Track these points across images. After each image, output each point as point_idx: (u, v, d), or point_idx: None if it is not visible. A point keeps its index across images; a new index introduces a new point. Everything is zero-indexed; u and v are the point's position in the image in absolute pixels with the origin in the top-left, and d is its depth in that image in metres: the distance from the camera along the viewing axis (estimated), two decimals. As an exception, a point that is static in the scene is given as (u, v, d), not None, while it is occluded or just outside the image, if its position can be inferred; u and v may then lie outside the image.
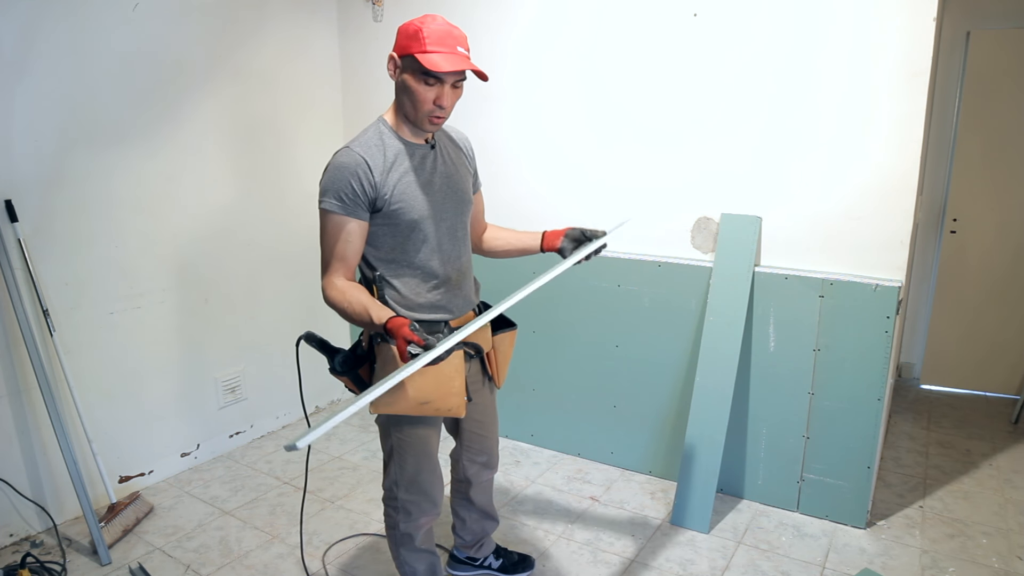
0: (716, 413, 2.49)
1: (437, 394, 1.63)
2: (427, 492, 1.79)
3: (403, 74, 1.55)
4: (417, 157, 1.64)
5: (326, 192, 1.57)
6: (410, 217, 1.61)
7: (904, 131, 2.21)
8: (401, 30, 1.54)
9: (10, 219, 2.29)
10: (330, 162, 1.58)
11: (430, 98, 1.54)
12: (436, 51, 1.48)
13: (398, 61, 1.54)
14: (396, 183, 1.59)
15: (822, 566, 2.27)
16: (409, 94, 1.55)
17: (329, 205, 1.56)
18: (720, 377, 2.49)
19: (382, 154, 1.58)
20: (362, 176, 1.55)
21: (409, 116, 1.60)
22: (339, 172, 1.55)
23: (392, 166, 1.59)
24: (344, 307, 1.55)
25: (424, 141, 1.67)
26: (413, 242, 1.64)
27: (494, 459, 2.06)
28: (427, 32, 1.49)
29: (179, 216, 2.83)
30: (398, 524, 1.81)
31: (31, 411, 2.43)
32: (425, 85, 1.52)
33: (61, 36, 2.37)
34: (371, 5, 3.26)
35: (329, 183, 1.56)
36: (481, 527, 2.18)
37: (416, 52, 1.49)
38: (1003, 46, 3.43)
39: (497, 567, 2.24)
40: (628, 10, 2.60)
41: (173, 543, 2.43)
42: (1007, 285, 3.64)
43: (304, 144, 3.34)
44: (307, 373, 3.57)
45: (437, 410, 1.66)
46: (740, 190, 2.51)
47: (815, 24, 2.28)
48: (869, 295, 2.30)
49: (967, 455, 3.07)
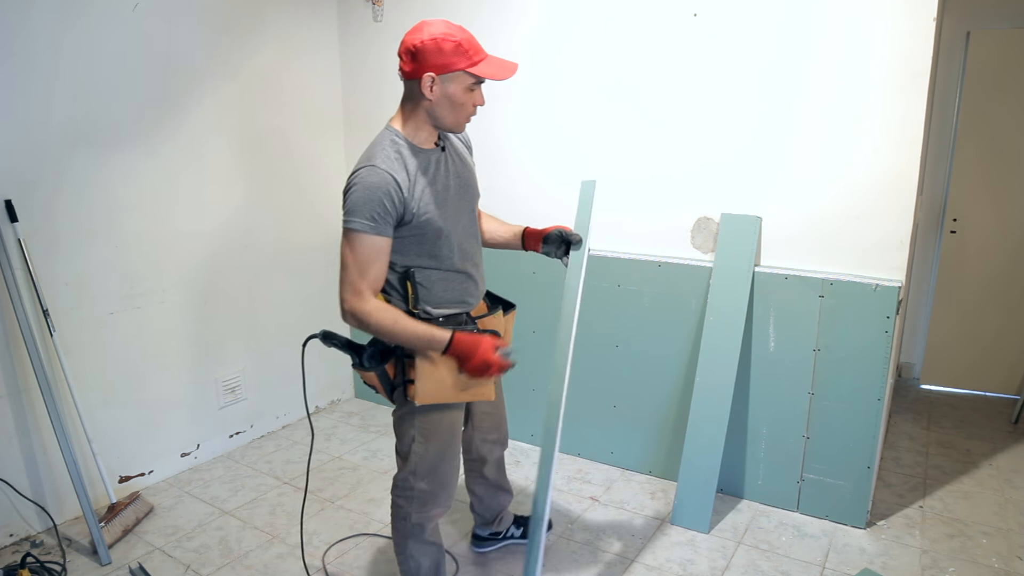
0: (716, 413, 2.49)
1: (473, 380, 1.70)
2: (444, 483, 1.83)
3: (447, 87, 1.58)
4: (432, 164, 1.67)
5: (357, 212, 1.55)
6: (436, 226, 1.65)
7: (904, 131, 2.21)
8: (431, 50, 1.55)
9: (10, 219, 2.29)
10: (357, 181, 1.56)
11: (472, 103, 1.63)
12: (481, 59, 1.59)
13: (436, 78, 1.56)
14: (421, 196, 1.61)
15: (822, 566, 2.27)
16: (452, 105, 1.61)
17: (361, 225, 1.55)
18: (720, 377, 2.49)
19: (404, 169, 1.60)
20: (393, 194, 1.56)
21: (444, 124, 1.64)
22: (371, 192, 1.54)
23: (415, 180, 1.61)
24: (387, 327, 1.58)
25: (434, 144, 1.70)
26: (438, 247, 1.68)
27: (504, 435, 2.16)
28: (466, 45, 1.56)
29: (179, 216, 2.83)
30: (410, 515, 1.82)
31: (31, 411, 2.43)
32: (470, 93, 1.61)
33: (61, 36, 2.37)
34: (371, 5, 3.26)
35: (360, 203, 1.54)
36: (497, 501, 2.27)
37: (466, 67, 1.56)
38: (1003, 46, 3.43)
39: (520, 535, 2.35)
40: (629, 11, 2.60)
41: (173, 543, 2.43)
42: (1007, 285, 3.64)
43: (304, 144, 3.34)
44: (308, 373, 3.57)
45: (474, 395, 1.76)
46: (740, 190, 2.51)
47: (815, 24, 2.28)
48: (869, 295, 2.30)
49: (967, 455, 3.07)
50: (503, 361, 1.64)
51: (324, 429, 3.39)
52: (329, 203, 3.52)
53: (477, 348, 1.60)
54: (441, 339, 1.59)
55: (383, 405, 3.68)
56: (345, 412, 3.61)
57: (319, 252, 3.50)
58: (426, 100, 1.59)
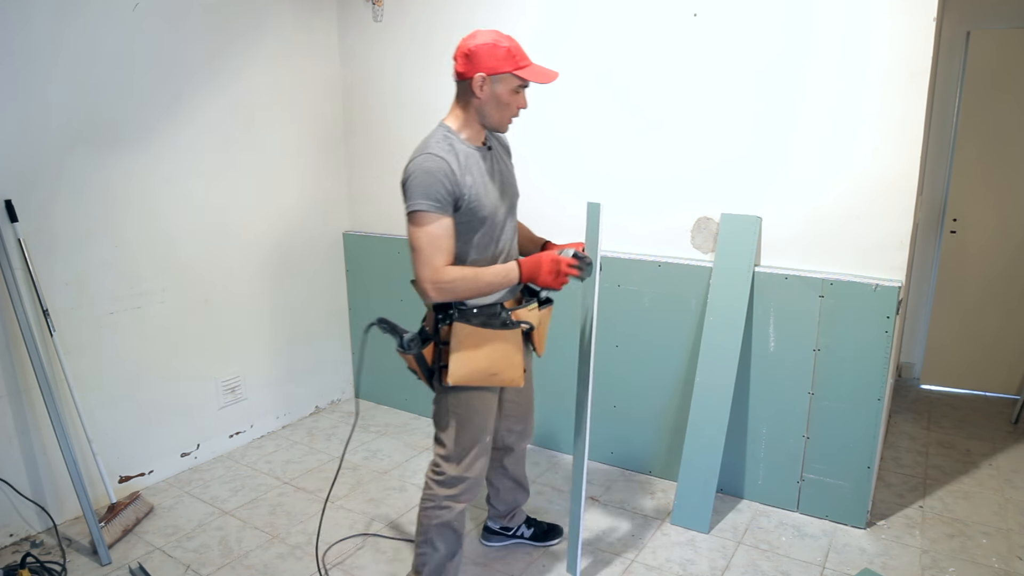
0: (716, 413, 2.49)
1: (503, 365, 1.83)
2: (472, 468, 1.91)
3: (496, 88, 1.74)
4: (480, 159, 1.81)
5: (420, 195, 1.67)
6: (482, 214, 1.77)
7: (904, 131, 2.21)
8: (483, 53, 1.70)
9: (10, 219, 2.29)
10: (415, 168, 1.69)
11: (516, 104, 1.79)
12: (528, 64, 1.75)
13: (486, 78, 1.72)
14: (471, 184, 1.74)
15: (822, 566, 2.27)
16: (498, 104, 1.76)
17: (427, 206, 1.67)
18: (720, 377, 2.49)
19: (456, 158, 1.73)
20: (449, 177, 1.69)
21: (491, 122, 1.80)
22: (430, 176, 1.67)
23: (464, 168, 1.74)
24: (470, 279, 1.72)
25: (482, 143, 1.84)
26: (482, 235, 1.80)
27: (530, 428, 2.23)
28: (515, 51, 1.73)
29: (179, 216, 2.83)
30: (437, 497, 1.92)
31: (31, 411, 2.43)
32: (516, 94, 1.77)
33: (61, 36, 2.37)
34: (371, 5, 3.26)
35: (422, 187, 1.67)
36: (514, 497, 2.32)
37: (513, 70, 1.72)
38: (1003, 46, 3.43)
39: (529, 536, 2.39)
40: (628, 11, 2.60)
41: (173, 543, 2.43)
42: (1007, 285, 3.64)
43: (305, 144, 3.34)
44: (307, 373, 3.58)
45: (502, 381, 1.85)
46: (740, 190, 2.51)
47: (815, 24, 2.28)
48: (869, 295, 2.30)
49: (967, 455, 3.07)
50: (569, 262, 1.78)
51: (324, 429, 3.39)
52: (330, 202, 3.52)
53: (540, 263, 1.76)
54: (514, 270, 1.76)
55: (383, 405, 3.68)
56: (345, 412, 3.61)
57: (320, 252, 3.50)
58: (476, 99, 1.75)
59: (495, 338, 1.81)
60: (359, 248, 3.58)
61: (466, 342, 1.78)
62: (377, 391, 3.71)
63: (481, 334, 1.79)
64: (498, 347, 1.81)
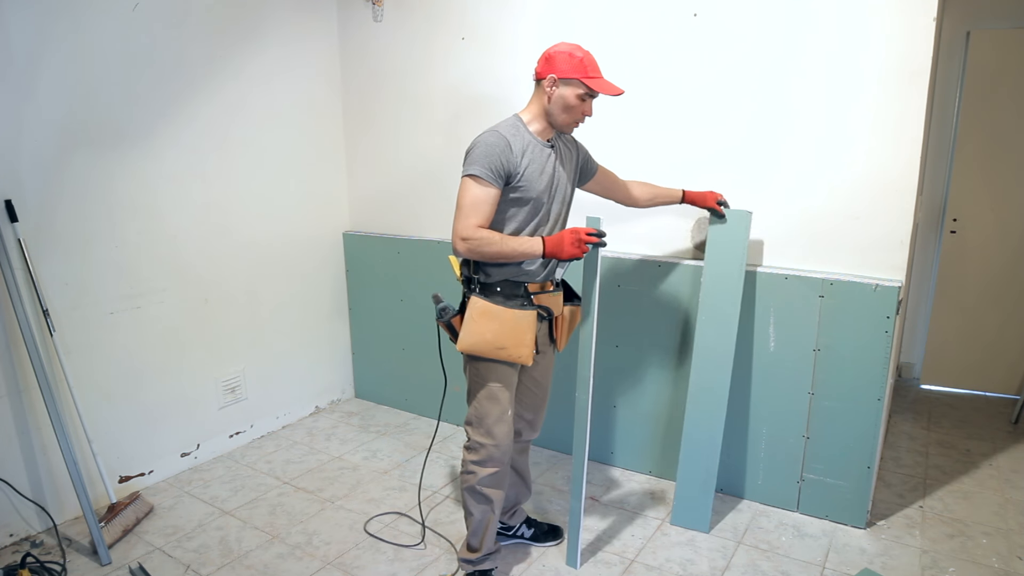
0: (712, 414, 2.47)
1: (511, 342, 1.94)
2: (492, 432, 2.03)
3: (562, 89, 1.90)
4: (541, 150, 1.97)
5: (477, 162, 1.85)
6: (530, 196, 1.93)
7: (904, 131, 2.21)
8: (559, 58, 1.89)
9: (10, 219, 2.29)
10: (480, 140, 1.88)
11: (581, 110, 1.94)
12: (597, 77, 1.91)
13: (558, 80, 1.89)
14: (526, 167, 1.91)
15: (822, 566, 2.27)
16: (564, 106, 1.92)
17: (481, 172, 1.84)
18: (715, 378, 2.45)
19: (519, 140, 1.91)
20: (506, 154, 1.87)
21: (557, 121, 1.96)
22: (491, 148, 1.86)
23: (524, 152, 1.91)
24: (495, 242, 1.86)
25: (547, 140, 1.99)
26: (527, 216, 1.95)
27: (539, 420, 2.29)
28: (587, 62, 1.90)
29: (179, 216, 2.83)
30: (467, 462, 2.09)
31: (31, 411, 2.43)
32: (581, 101, 1.92)
33: (61, 36, 2.37)
34: (371, 5, 3.26)
35: (481, 155, 1.86)
36: (515, 493, 2.36)
37: (583, 78, 1.88)
38: (1003, 46, 3.43)
39: (529, 536, 2.42)
40: (628, 11, 2.60)
41: (173, 543, 2.43)
42: (1007, 285, 3.64)
43: (305, 144, 3.34)
44: (307, 373, 3.58)
45: (509, 356, 1.96)
46: (741, 190, 2.51)
47: (816, 24, 2.28)
48: (869, 295, 2.30)
49: (967, 455, 3.07)
50: (588, 231, 1.86)
51: (324, 429, 3.39)
52: (330, 202, 3.52)
53: (562, 238, 1.86)
54: (537, 243, 1.88)
55: (383, 405, 3.68)
56: (345, 412, 3.61)
57: (320, 252, 3.50)
58: (545, 97, 1.92)
59: (506, 314, 1.94)
60: (359, 248, 3.58)
61: (478, 314, 1.94)
62: (377, 391, 3.71)
63: (494, 308, 1.93)
64: (508, 322, 1.94)
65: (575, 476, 2.18)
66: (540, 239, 1.89)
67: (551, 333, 2.16)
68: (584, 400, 2.11)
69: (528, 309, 1.97)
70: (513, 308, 1.95)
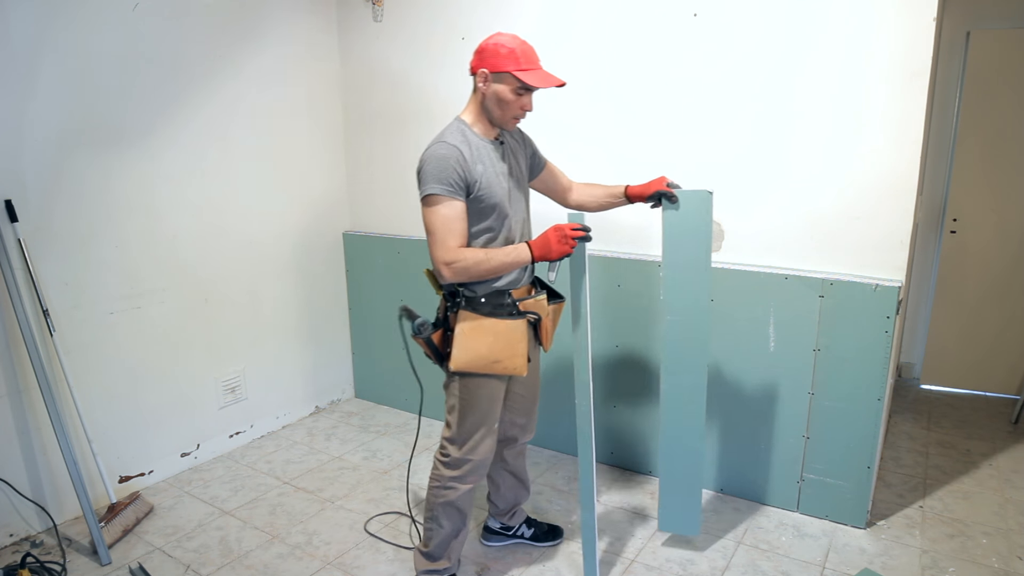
0: (690, 419, 2.20)
1: (506, 354, 1.88)
2: (476, 451, 1.98)
3: (495, 85, 1.81)
4: (492, 151, 1.88)
5: (434, 180, 1.76)
6: (491, 202, 1.84)
7: (904, 131, 2.21)
8: (490, 50, 1.79)
9: (10, 219, 2.29)
10: (430, 154, 1.79)
11: (518, 105, 1.83)
12: (530, 68, 1.79)
13: (489, 75, 1.80)
14: (482, 173, 1.82)
15: (822, 566, 2.27)
16: (500, 102, 1.82)
17: (441, 190, 1.76)
18: (689, 382, 2.16)
19: (468, 147, 1.82)
20: (461, 164, 1.78)
21: (495, 118, 1.86)
22: (443, 162, 1.76)
23: (476, 158, 1.82)
24: (482, 260, 1.78)
25: (495, 137, 1.91)
26: (490, 221, 1.87)
27: (533, 423, 2.25)
28: (519, 53, 1.78)
29: (179, 216, 2.83)
30: (443, 478, 2.00)
31: (31, 411, 2.43)
32: (516, 96, 1.81)
33: (61, 36, 2.37)
34: (371, 5, 3.26)
35: (435, 172, 1.76)
36: (514, 495, 2.34)
37: (514, 70, 1.77)
38: (1003, 46, 3.43)
39: (529, 536, 2.40)
40: (628, 11, 2.60)
41: (173, 543, 2.43)
42: (1007, 285, 3.64)
43: (304, 144, 3.34)
44: (307, 373, 3.58)
45: (504, 368, 1.90)
46: (741, 190, 2.51)
47: (816, 24, 2.28)
48: (869, 295, 2.30)
49: (967, 455, 3.07)
50: (573, 226, 1.80)
51: (324, 429, 3.39)
52: (330, 203, 3.52)
53: (547, 238, 1.79)
54: (524, 249, 1.81)
55: (383, 405, 3.68)
56: (345, 412, 3.61)
57: (320, 252, 3.50)
58: (480, 93, 1.83)
59: (499, 326, 1.87)
60: (359, 248, 3.58)
61: (469, 329, 1.86)
62: (377, 391, 3.71)
63: (485, 323, 1.86)
64: (502, 335, 1.87)
65: (583, 487, 2.05)
66: (526, 245, 1.82)
67: (537, 336, 2.08)
68: (586, 407, 2.00)
69: (518, 318, 1.90)
70: (503, 319, 1.87)
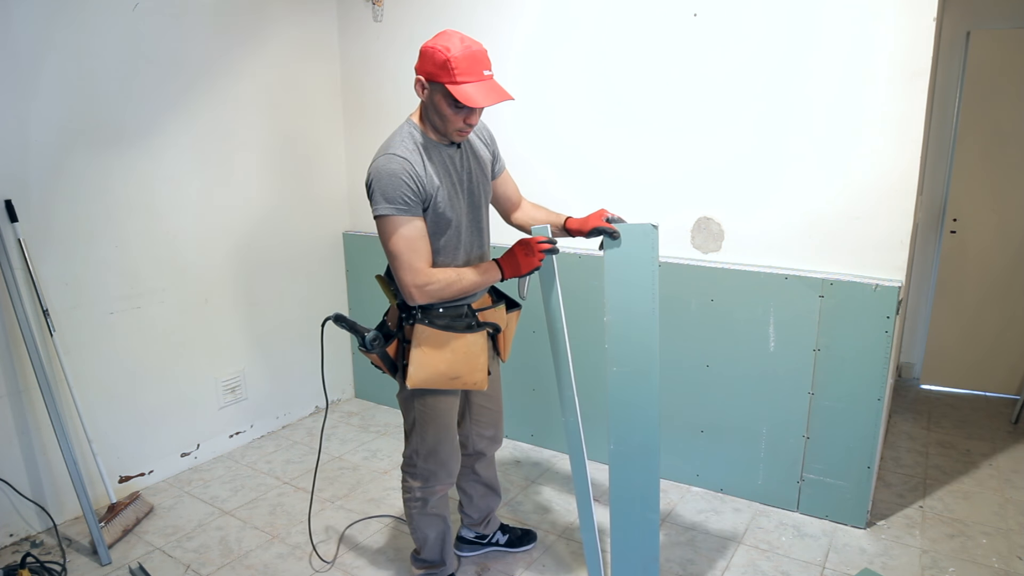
0: (641, 487, 2.01)
1: (466, 369, 1.80)
2: (444, 462, 1.94)
3: (432, 96, 1.62)
4: (446, 157, 1.74)
5: (388, 200, 1.62)
6: (448, 215, 1.72)
7: (904, 131, 2.21)
8: (426, 55, 1.59)
9: (10, 219, 2.29)
10: (378, 170, 1.63)
11: (459, 119, 1.64)
12: (466, 81, 1.55)
13: (426, 84, 1.61)
14: (434, 184, 1.68)
15: (822, 566, 2.27)
16: (439, 114, 1.64)
17: (395, 211, 1.62)
18: (639, 441, 2.02)
19: (420, 156, 1.66)
20: (413, 178, 1.63)
21: (438, 128, 1.69)
22: (393, 179, 1.61)
23: (428, 168, 1.67)
24: (453, 280, 1.69)
25: (449, 141, 1.76)
26: (447, 236, 1.75)
27: (500, 433, 2.20)
28: (455, 63, 1.54)
29: (179, 216, 2.83)
30: (414, 489, 1.96)
31: (31, 411, 2.43)
32: (455, 110, 1.61)
33: (62, 36, 2.37)
34: (371, 5, 3.26)
35: (388, 190, 1.61)
36: (487, 503, 2.29)
37: (447, 83, 1.55)
38: (1003, 46, 3.43)
39: (504, 542, 2.36)
40: (628, 11, 2.60)
41: (173, 543, 2.43)
42: (1007, 285, 3.64)
43: (304, 144, 3.34)
44: (307, 373, 3.58)
45: (464, 384, 1.82)
46: (741, 190, 2.51)
47: (816, 24, 2.28)
48: (869, 295, 2.30)
49: (967, 455, 3.07)
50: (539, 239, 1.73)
51: (324, 429, 3.38)
52: (330, 203, 3.52)
53: (514, 253, 1.72)
54: (494, 268, 1.73)
55: (383, 405, 3.68)
56: (345, 412, 3.61)
57: (320, 252, 3.50)
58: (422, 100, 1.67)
59: (458, 341, 1.76)
60: (359, 248, 3.58)
61: (427, 345, 1.75)
62: (377, 391, 3.71)
63: (443, 337, 1.75)
64: (460, 350, 1.77)
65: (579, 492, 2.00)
66: (495, 263, 1.73)
67: (495, 346, 1.99)
68: (574, 423, 1.89)
69: (477, 330, 1.80)
70: (462, 332, 1.77)
